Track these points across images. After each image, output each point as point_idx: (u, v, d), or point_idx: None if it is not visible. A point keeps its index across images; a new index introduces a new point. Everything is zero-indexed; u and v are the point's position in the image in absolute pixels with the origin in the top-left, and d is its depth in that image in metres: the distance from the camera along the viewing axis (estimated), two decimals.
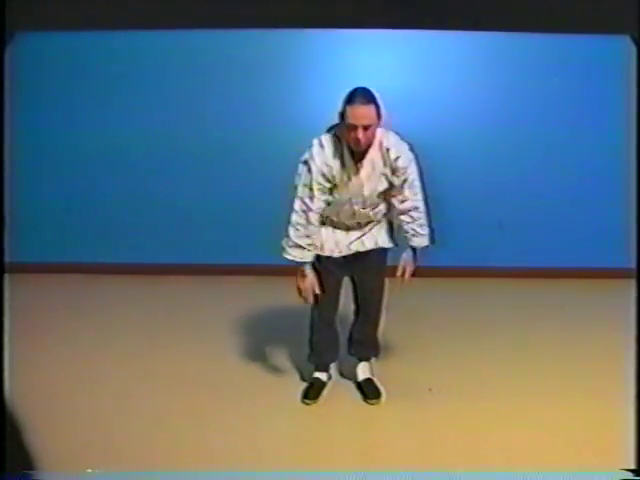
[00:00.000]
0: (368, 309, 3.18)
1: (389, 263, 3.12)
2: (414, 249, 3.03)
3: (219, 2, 4.50)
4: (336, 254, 2.99)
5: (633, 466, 2.25)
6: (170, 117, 5.00)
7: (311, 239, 2.88)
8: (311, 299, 2.94)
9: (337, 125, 2.78)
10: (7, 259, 2.47)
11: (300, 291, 2.93)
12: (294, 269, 3.08)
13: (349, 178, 2.81)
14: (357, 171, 2.79)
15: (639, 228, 2.74)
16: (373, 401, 3.15)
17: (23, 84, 4.69)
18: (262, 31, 4.76)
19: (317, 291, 2.93)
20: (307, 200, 2.83)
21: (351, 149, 2.75)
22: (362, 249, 3.02)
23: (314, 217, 2.86)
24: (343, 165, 2.78)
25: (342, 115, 2.68)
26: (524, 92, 4.93)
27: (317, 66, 4.93)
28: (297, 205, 2.85)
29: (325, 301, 3.08)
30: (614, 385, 3.12)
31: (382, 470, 2.63)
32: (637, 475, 2.23)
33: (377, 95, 2.69)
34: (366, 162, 2.79)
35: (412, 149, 2.88)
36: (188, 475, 2.57)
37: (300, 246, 2.87)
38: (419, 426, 2.95)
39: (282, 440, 2.85)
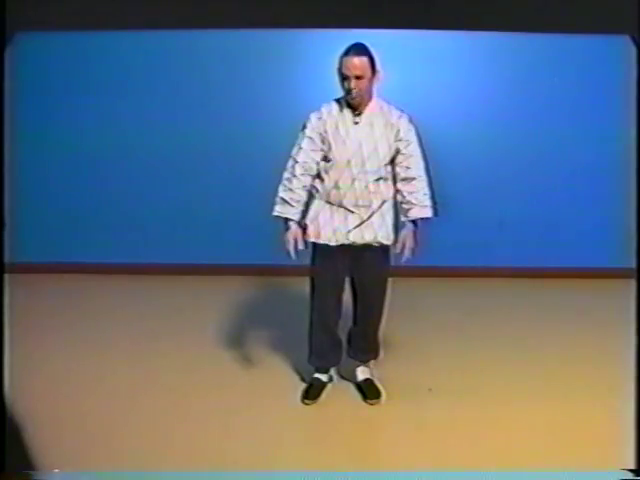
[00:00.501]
0: (368, 313, 3.14)
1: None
2: (415, 224, 2.92)
3: (219, 2, 4.51)
4: (333, 242, 2.94)
5: (633, 466, 2.25)
6: (170, 117, 5.00)
7: (295, 193, 2.89)
8: (293, 253, 2.90)
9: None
10: (7, 259, 2.47)
11: (288, 241, 2.90)
12: (294, 269, 3.08)
13: (347, 133, 2.84)
14: (354, 125, 2.84)
15: (639, 228, 2.74)
16: (373, 401, 3.15)
17: (23, 84, 4.69)
18: (262, 31, 4.76)
19: (300, 246, 2.91)
20: (297, 156, 2.90)
21: (349, 105, 2.83)
22: (361, 241, 2.93)
23: (299, 170, 2.88)
24: (339, 119, 2.85)
25: (339, 70, 2.80)
26: (524, 92, 4.93)
27: (317, 66, 4.92)
28: (289, 164, 2.94)
29: (324, 305, 3.06)
30: (614, 385, 3.12)
31: (382, 470, 2.63)
32: (637, 475, 2.23)
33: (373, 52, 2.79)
34: (364, 118, 2.85)
35: (412, 121, 2.92)
36: (188, 475, 2.56)
37: (284, 200, 2.90)
38: (419, 426, 2.94)
39: (282, 440, 2.84)
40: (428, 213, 2.91)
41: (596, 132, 4.94)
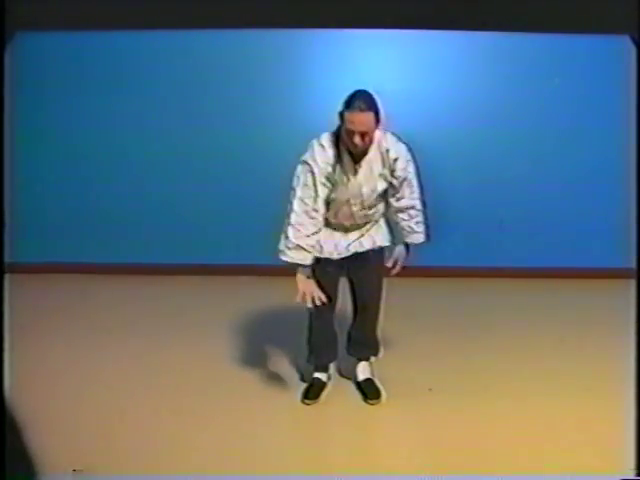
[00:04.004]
0: (367, 309, 3.17)
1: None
2: (407, 245, 3.05)
3: (219, 2, 4.50)
4: (335, 256, 2.99)
5: (633, 466, 2.25)
6: (170, 117, 4.99)
7: (312, 240, 2.82)
8: (311, 304, 2.86)
9: (339, 126, 2.77)
10: (7, 259, 2.48)
11: (302, 295, 2.82)
12: (294, 269, 3.08)
13: (348, 179, 2.81)
14: (355, 172, 2.80)
15: (639, 228, 2.74)
16: (373, 401, 3.15)
17: (23, 84, 4.68)
18: (262, 31, 4.76)
19: (323, 298, 2.84)
20: (308, 200, 2.78)
21: (350, 150, 2.76)
22: (360, 249, 3.02)
23: (319, 217, 2.81)
24: (342, 166, 2.79)
25: (341, 116, 2.69)
26: (524, 92, 4.92)
27: (317, 66, 4.92)
28: (297, 206, 2.78)
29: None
30: (614, 385, 3.12)
31: (382, 470, 2.64)
32: (637, 475, 2.23)
33: (377, 99, 2.68)
34: (364, 163, 2.80)
35: (410, 149, 2.89)
36: (188, 476, 2.56)
37: (301, 247, 2.80)
38: (419, 426, 2.95)
39: (282, 440, 2.85)
40: (421, 239, 3.02)
41: (596, 132, 4.93)
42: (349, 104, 2.63)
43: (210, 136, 5.00)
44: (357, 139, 2.65)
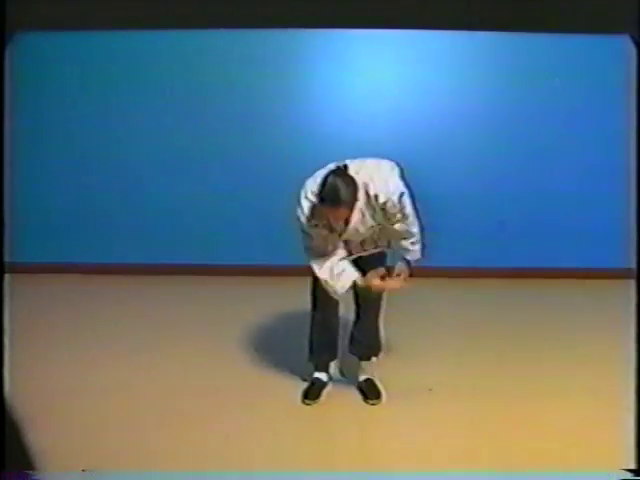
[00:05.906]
0: (368, 308, 3.17)
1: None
2: (407, 261, 3.05)
3: (219, 2, 4.51)
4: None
5: (633, 466, 2.25)
6: (170, 117, 4.99)
7: (326, 265, 2.88)
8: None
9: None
10: (7, 259, 2.48)
11: None
12: (294, 269, 3.08)
13: (342, 227, 2.84)
14: (347, 222, 2.82)
15: (639, 228, 2.74)
16: (373, 401, 3.15)
17: (23, 84, 4.68)
18: (262, 31, 4.76)
19: None
20: (311, 242, 2.85)
21: None
22: (365, 254, 3.03)
23: (328, 249, 2.87)
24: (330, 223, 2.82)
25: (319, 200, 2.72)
26: (524, 92, 4.92)
27: (317, 66, 4.92)
28: (309, 253, 2.89)
29: (327, 303, 3.07)
30: (614, 385, 3.12)
31: (382, 470, 2.64)
32: (637, 475, 2.23)
33: (350, 180, 2.65)
34: (355, 212, 2.79)
35: (402, 173, 2.86)
36: (188, 475, 2.56)
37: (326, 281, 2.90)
38: (419, 426, 2.95)
39: (283, 440, 2.85)
40: (417, 256, 3.03)
41: (596, 132, 4.93)
42: (322, 198, 2.66)
43: (210, 136, 5.00)
44: (337, 225, 2.78)
